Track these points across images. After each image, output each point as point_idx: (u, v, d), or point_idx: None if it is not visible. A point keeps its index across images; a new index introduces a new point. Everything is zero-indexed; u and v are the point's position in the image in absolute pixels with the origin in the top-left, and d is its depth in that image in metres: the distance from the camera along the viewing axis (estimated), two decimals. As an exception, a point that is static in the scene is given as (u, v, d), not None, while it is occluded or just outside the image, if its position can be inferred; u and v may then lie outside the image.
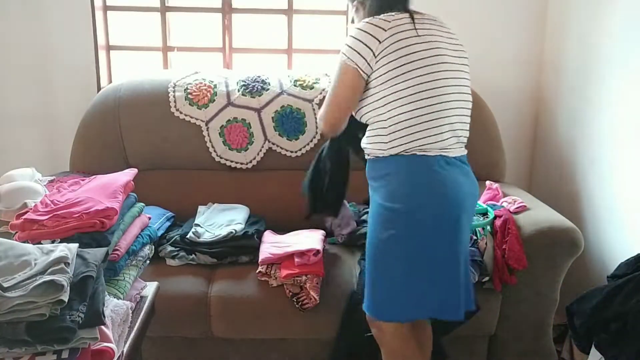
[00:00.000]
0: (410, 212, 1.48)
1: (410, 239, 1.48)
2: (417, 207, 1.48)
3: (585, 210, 2.28)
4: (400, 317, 1.55)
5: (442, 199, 1.48)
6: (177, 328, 1.91)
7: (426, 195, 1.48)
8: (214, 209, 2.23)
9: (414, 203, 1.48)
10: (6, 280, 1.05)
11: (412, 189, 1.49)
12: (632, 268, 1.60)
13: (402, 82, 1.48)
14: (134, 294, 1.50)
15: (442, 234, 1.49)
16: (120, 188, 1.54)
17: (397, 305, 1.52)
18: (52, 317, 1.03)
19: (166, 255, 2.01)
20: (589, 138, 2.27)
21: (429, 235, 1.48)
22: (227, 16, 2.73)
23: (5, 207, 1.73)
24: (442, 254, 1.49)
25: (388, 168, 1.53)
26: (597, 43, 2.21)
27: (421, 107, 1.48)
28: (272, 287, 1.90)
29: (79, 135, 2.40)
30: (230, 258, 2.02)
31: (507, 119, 2.65)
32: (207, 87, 2.40)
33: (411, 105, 1.48)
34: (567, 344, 2.10)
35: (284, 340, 1.95)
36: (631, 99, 2.00)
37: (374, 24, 1.51)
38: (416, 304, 1.51)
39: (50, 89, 2.65)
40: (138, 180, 1.69)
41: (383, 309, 1.55)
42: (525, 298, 1.94)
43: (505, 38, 2.68)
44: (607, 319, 1.53)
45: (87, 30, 2.59)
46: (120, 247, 1.45)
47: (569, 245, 1.87)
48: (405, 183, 1.50)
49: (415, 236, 1.48)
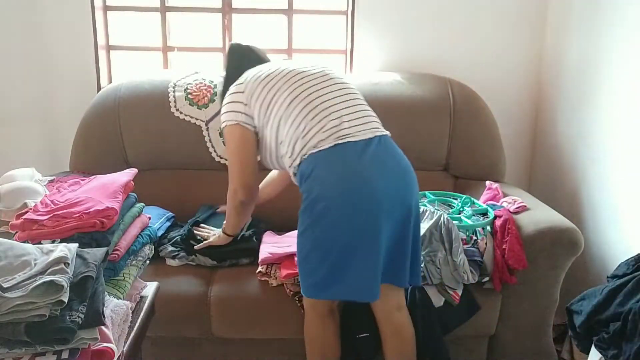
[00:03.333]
0: (313, 205, 1.55)
1: (315, 228, 1.56)
2: (319, 199, 1.54)
3: (585, 210, 2.28)
4: (318, 295, 1.65)
5: (343, 185, 1.54)
6: (177, 328, 1.91)
7: (327, 186, 1.54)
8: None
9: (317, 195, 1.55)
10: (6, 280, 1.05)
11: (315, 184, 1.56)
12: (632, 268, 1.59)
13: (275, 105, 1.66)
14: (134, 294, 1.50)
15: (346, 217, 1.53)
16: (120, 188, 1.54)
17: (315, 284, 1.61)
18: (52, 317, 1.03)
19: (166, 255, 2.01)
20: (589, 138, 2.27)
21: (332, 222, 1.54)
22: (227, 16, 2.73)
23: (5, 207, 1.73)
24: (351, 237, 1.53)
25: (299, 176, 1.63)
26: (597, 43, 2.21)
27: (300, 112, 1.62)
28: (272, 287, 1.90)
29: (79, 135, 2.40)
30: (230, 261, 2.02)
31: (507, 119, 2.65)
32: (207, 87, 2.40)
33: (292, 116, 1.62)
34: (567, 344, 2.10)
35: (284, 340, 1.95)
36: (631, 98, 2.00)
37: (232, 91, 1.76)
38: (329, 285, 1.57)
39: (50, 89, 2.65)
40: (138, 180, 1.68)
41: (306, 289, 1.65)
42: (525, 298, 1.94)
43: (505, 38, 2.68)
44: (607, 319, 1.53)
45: (87, 30, 2.59)
46: (120, 247, 1.45)
47: (569, 245, 1.87)
48: (309, 180, 1.58)
49: (318, 225, 1.55)
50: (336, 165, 1.56)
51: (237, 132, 1.72)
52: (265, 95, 1.68)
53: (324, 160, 1.57)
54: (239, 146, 1.73)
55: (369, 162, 1.56)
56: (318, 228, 1.55)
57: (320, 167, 1.57)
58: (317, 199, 1.55)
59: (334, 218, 1.53)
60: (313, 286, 1.61)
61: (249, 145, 1.73)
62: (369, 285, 1.57)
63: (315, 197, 1.55)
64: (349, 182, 1.54)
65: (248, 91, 1.71)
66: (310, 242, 1.58)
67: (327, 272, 1.56)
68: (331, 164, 1.56)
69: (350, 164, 1.55)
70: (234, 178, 1.78)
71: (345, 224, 1.53)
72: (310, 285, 1.62)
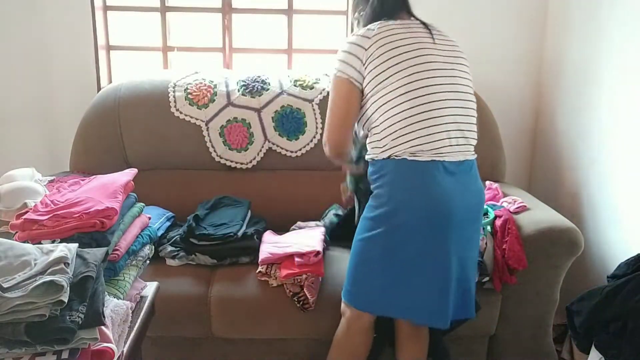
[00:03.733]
0: (392, 215, 1.50)
1: (389, 241, 1.51)
2: (400, 210, 1.50)
3: (585, 210, 2.28)
4: (370, 309, 1.61)
5: (427, 207, 1.48)
6: (177, 328, 1.91)
7: (411, 200, 1.49)
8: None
9: (399, 206, 1.50)
10: (6, 280, 1.05)
11: (399, 193, 1.51)
12: (632, 268, 1.60)
13: (389, 85, 1.51)
14: (134, 294, 1.50)
15: (424, 240, 1.49)
16: (120, 188, 1.54)
17: (369, 298, 1.58)
18: (52, 317, 1.03)
19: (166, 255, 2.01)
20: (589, 138, 2.27)
21: (408, 239, 1.50)
22: (227, 16, 2.73)
23: (5, 207, 1.73)
24: (422, 259, 1.50)
25: (380, 171, 1.54)
26: (597, 43, 2.21)
27: (409, 109, 1.49)
28: (272, 287, 1.90)
29: (79, 135, 2.40)
30: (230, 259, 2.02)
31: (507, 119, 2.65)
32: (207, 87, 2.40)
33: (399, 107, 1.50)
34: (567, 344, 2.10)
35: (284, 340, 1.95)
36: (631, 99, 2.00)
37: (359, 34, 1.57)
38: (389, 302, 1.55)
39: (50, 89, 2.65)
40: (138, 180, 1.68)
41: (358, 298, 1.61)
42: (525, 298, 1.94)
43: (505, 38, 2.68)
44: (607, 319, 1.53)
45: (87, 30, 2.59)
46: (120, 247, 1.45)
47: (569, 245, 1.87)
48: (393, 186, 1.51)
49: (394, 239, 1.51)
50: (427, 182, 1.48)
51: (344, 88, 1.57)
52: (384, 68, 1.52)
53: (416, 172, 1.49)
54: (340, 101, 1.58)
55: (455, 184, 1.51)
56: (392, 238, 1.50)
57: (409, 179, 1.49)
58: (398, 210, 1.49)
59: (411, 234, 1.49)
60: (368, 298, 1.56)
61: (353, 104, 1.57)
62: (438, 310, 1.52)
63: (395, 208, 1.49)
64: (434, 203, 1.48)
65: (370, 51, 1.53)
66: (379, 249, 1.52)
67: (389, 285, 1.52)
68: (422, 178, 1.49)
69: (440, 184, 1.48)
70: (326, 130, 1.64)
71: (421, 243, 1.49)
72: (363, 294, 1.57)
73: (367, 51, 1.53)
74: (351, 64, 1.55)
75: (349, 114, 1.59)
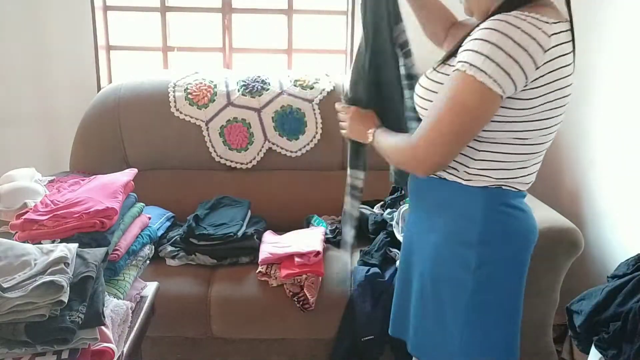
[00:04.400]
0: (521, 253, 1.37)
1: (509, 275, 1.37)
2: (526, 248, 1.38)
3: (585, 210, 2.28)
4: (516, 354, 1.41)
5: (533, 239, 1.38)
6: (177, 328, 1.91)
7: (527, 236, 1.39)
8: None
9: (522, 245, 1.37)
10: (6, 280, 1.05)
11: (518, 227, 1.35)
12: (632, 268, 1.59)
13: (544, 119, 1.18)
14: (134, 294, 1.50)
15: (522, 276, 1.41)
16: (120, 188, 1.54)
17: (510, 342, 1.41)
18: (52, 317, 1.03)
19: (166, 255, 2.01)
20: (589, 138, 2.27)
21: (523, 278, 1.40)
22: (227, 16, 2.72)
23: (5, 207, 1.73)
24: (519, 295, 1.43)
25: (485, 205, 1.25)
26: (597, 43, 2.21)
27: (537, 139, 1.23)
28: (272, 287, 1.90)
29: (79, 135, 2.40)
30: (230, 259, 2.02)
31: (507, 119, 2.64)
32: (207, 87, 2.40)
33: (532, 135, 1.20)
34: (567, 344, 2.10)
35: (284, 340, 1.95)
36: (631, 99, 1.99)
37: (537, 26, 1.05)
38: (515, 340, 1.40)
39: (50, 89, 2.65)
40: (138, 180, 1.68)
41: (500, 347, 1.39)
42: (525, 298, 1.93)
43: (505, 38, 2.67)
44: (607, 319, 1.53)
45: (87, 30, 2.59)
46: (120, 247, 1.45)
47: (569, 245, 1.87)
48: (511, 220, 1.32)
49: (514, 272, 1.38)
50: (532, 216, 1.37)
51: (484, 97, 1.07)
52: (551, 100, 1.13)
53: (525, 207, 1.34)
54: (469, 114, 1.10)
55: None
56: (521, 283, 1.39)
57: (521, 212, 1.32)
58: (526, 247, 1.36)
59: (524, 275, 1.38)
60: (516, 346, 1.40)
61: (483, 119, 1.11)
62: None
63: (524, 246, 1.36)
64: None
65: (547, 65, 1.07)
66: (517, 301, 1.39)
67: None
68: (528, 212, 1.36)
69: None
70: (428, 139, 1.14)
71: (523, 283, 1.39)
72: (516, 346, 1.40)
73: (539, 69, 1.07)
74: (514, 78, 1.06)
75: (472, 130, 1.14)
